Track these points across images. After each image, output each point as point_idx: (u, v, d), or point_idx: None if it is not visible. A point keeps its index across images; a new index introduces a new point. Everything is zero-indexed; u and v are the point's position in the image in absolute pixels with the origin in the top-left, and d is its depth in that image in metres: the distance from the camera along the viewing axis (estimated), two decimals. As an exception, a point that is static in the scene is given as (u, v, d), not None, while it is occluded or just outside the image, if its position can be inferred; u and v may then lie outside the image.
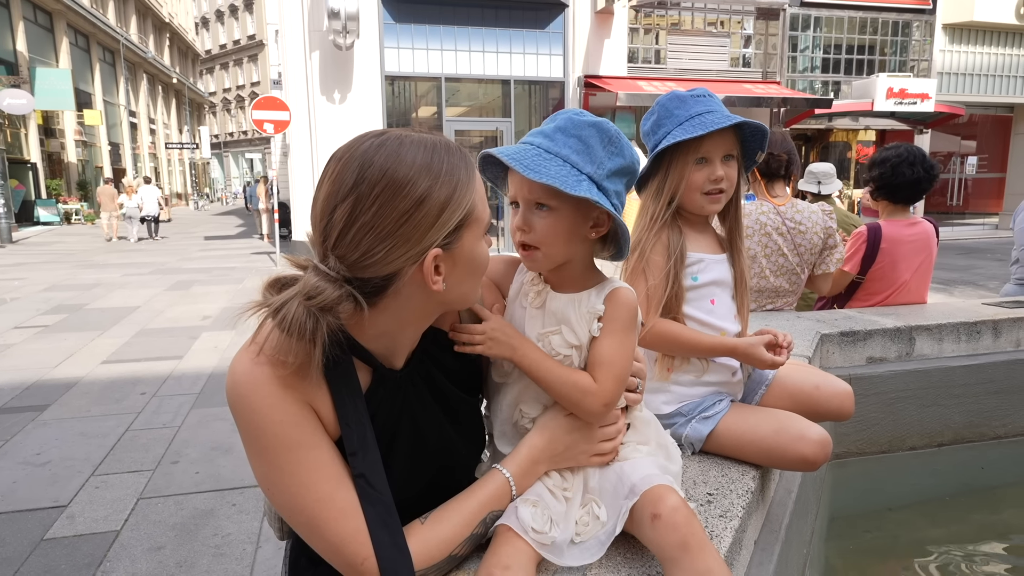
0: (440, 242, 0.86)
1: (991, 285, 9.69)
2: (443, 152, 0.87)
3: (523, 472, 0.99)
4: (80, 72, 25.44)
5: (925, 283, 3.04)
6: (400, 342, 0.96)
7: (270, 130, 11.92)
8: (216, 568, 2.84)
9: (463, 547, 0.94)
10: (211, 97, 54.70)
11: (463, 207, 0.87)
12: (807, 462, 1.34)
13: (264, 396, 0.84)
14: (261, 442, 0.85)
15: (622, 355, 1.02)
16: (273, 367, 0.84)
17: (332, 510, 0.85)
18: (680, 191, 1.46)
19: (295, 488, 0.85)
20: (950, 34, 17.06)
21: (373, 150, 0.85)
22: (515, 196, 1.05)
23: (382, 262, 0.84)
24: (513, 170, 1.01)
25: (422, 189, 0.83)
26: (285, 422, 0.84)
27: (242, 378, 0.84)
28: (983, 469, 2.74)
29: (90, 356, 6.19)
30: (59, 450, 4.06)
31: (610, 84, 13.42)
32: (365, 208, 0.82)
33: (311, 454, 0.86)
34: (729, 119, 1.38)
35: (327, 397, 0.88)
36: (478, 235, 0.92)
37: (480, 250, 0.93)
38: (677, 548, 0.87)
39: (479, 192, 0.91)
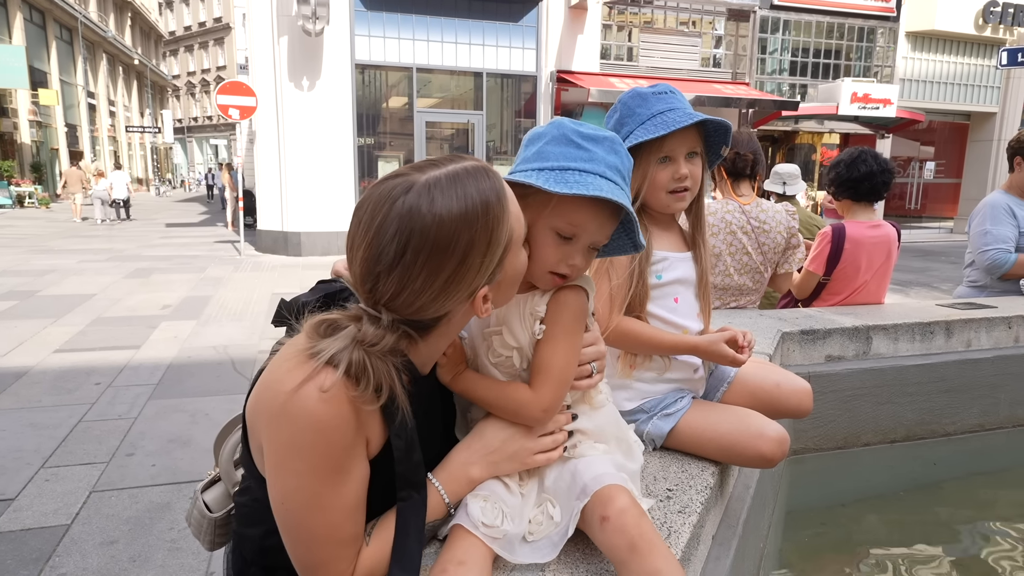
0: (487, 280, 0.88)
1: (945, 287, 10.01)
2: (473, 187, 0.84)
3: (454, 478, 0.97)
4: (35, 50, 24.53)
5: (884, 284, 3.11)
6: (438, 353, 0.98)
7: (236, 116, 11.66)
8: (171, 563, 2.78)
9: None
10: (175, 80, 53.29)
11: (503, 241, 0.86)
12: (765, 459, 1.36)
13: (333, 416, 0.82)
14: (309, 461, 0.83)
15: (561, 359, 1.00)
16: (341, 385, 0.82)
17: (333, 537, 0.87)
18: (644, 190, 1.45)
19: (315, 509, 0.85)
20: (912, 42, 17.54)
21: (409, 206, 0.82)
22: (580, 233, 0.97)
23: (433, 310, 0.86)
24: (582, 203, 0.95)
25: (464, 244, 0.83)
26: (342, 447, 0.84)
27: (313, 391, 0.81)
28: (935, 465, 2.83)
29: (42, 344, 5.99)
30: (7, 441, 3.92)
31: (582, 80, 13.46)
32: (414, 276, 0.82)
33: (346, 480, 0.86)
34: (691, 117, 1.38)
35: (378, 415, 0.87)
36: (519, 251, 0.91)
37: (520, 263, 0.93)
38: (625, 550, 0.86)
39: (514, 213, 0.88)
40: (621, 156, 0.98)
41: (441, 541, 0.98)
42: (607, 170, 0.94)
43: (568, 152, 0.95)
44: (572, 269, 0.98)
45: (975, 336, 2.93)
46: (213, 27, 49.63)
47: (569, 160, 0.94)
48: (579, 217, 0.95)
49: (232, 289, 8.86)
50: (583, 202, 0.92)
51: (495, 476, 0.98)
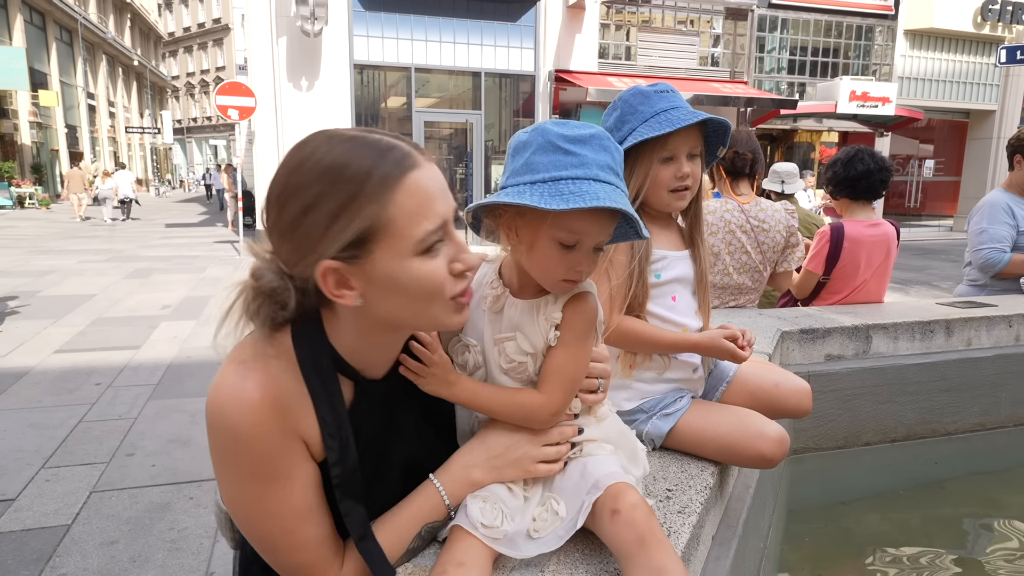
0: (336, 255, 0.80)
1: (945, 285, 10.01)
2: (358, 155, 0.80)
3: (455, 480, 0.96)
4: (35, 51, 24.52)
5: (883, 283, 3.11)
6: (376, 352, 0.94)
7: (235, 116, 11.66)
8: (171, 563, 2.78)
9: (399, 561, 0.95)
10: (174, 81, 53.26)
11: (363, 219, 0.79)
12: (765, 460, 1.35)
13: (251, 425, 0.81)
14: (238, 469, 0.84)
15: (573, 365, 1.00)
16: (265, 389, 0.82)
17: (292, 541, 0.86)
18: (645, 189, 1.45)
19: (263, 516, 0.86)
20: (911, 40, 17.54)
21: (297, 148, 0.83)
22: (582, 240, 0.95)
23: (294, 264, 0.82)
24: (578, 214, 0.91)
25: (311, 195, 0.79)
26: (268, 453, 0.83)
27: (228, 400, 0.82)
28: (936, 464, 2.83)
29: (43, 345, 5.99)
30: (7, 442, 3.92)
31: (580, 79, 13.46)
32: (271, 208, 0.82)
33: (286, 485, 0.85)
34: (695, 116, 1.38)
35: (312, 416, 0.86)
36: (401, 252, 0.81)
37: (409, 270, 0.82)
38: (634, 544, 0.86)
39: (403, 204, 0.80)
40: (611, 151, 0.95)
41: (441, 543, 0.98)
42: (600, 171, 0.92)
43: (557, 160, 0.92)
44: (580, 274, 0.98)
45: (975, 335, 2.93)
46: (212, 28, 49.60)
47: (559, 169, 0.91)
48: (579, 225, 0.93)
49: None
50: (581, 210, 0.89)
51: (497, 481, 0.98)
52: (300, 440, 0.86)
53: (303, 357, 0.86)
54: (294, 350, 0.87)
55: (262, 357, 0.85)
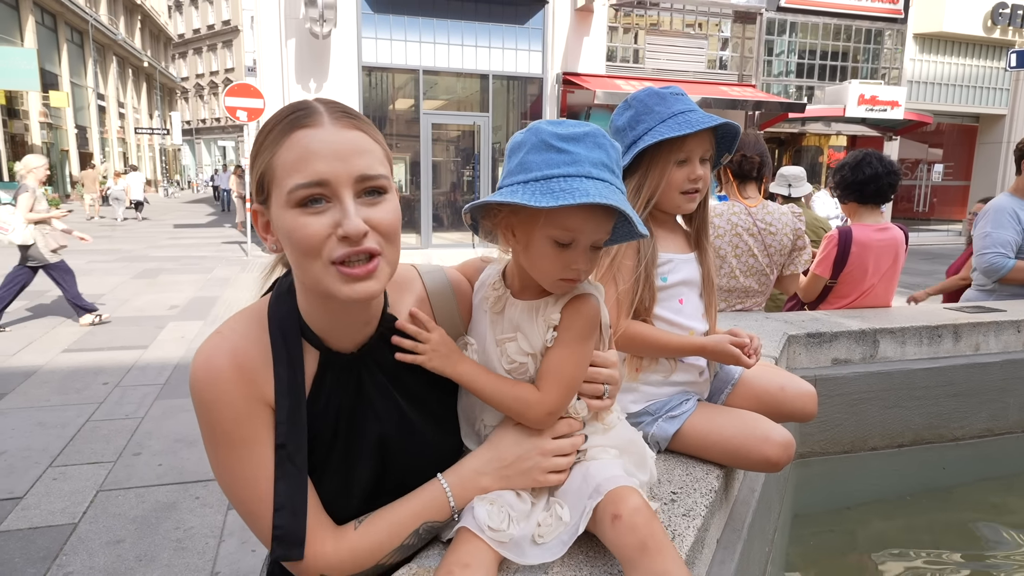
0: (255, 197, 0.90)
1: (953, 290, 9.94)
2: (277, 116, 0.89)
3: (464, 484, 0.97)
4: (46, 52, 24.70)
5: (891, 287, 3.10)
6: (328, 319, 0.94)
7: (243, 118, 11.73)
8: (177, 562, 2.79)
9: (392, 556, 0.95)
10: (183, 82, 53.55)
11: (260, 166, 0.88)
12: (771, 463, 1.35)
13: (218, 392, 0.87)
14: (210, 435, 0.90)
15: (571, 365, 0.99)
16: (232, 357, 0.88)
17: (265, 507, 0.89)
18: (659, 191, 1.45)
19: (238, 481, 0.90)
20: (920, 43, 17.46)
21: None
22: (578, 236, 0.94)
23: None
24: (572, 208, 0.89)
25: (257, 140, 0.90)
26: (233, 419, 0.88)
27: (199, 370, 0.88)
28: (944, 469, 2.81)
29: (51, 344, 6.03)
30: (16, 440, 3.95)
31: (588, 82, 13.46)
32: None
33: (255, 451, 0.89)
34: (712, 119, 1.37)
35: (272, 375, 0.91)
36: (280, 201, 0.85)
37: (285, 220, 0.85)
38: (636, 550, 0.86)
39: (283, 156, 0.84)
40: (606, 148, 0.94)
41: (446, 543, 0.99)
42: (592, 168, 0.91)
43: (549, 159, 0.91)
44: (578, 273, 0.96)
45: (983, 340, 2.91)
46: (221, 30, 49.88)
47: (552, 167, 0.91)
48: (572, 222, 0.92)
49: (239, 290, 8.89)
50: (574, 207, 0.88)
51: (506, 489, 0.98)
52: (266, 406, 0.90)
53: (272, 318, 0.94)
54: (267, 313, 0.94)
55: (240, 324, 0.93)
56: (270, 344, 0.91)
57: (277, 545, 0.88)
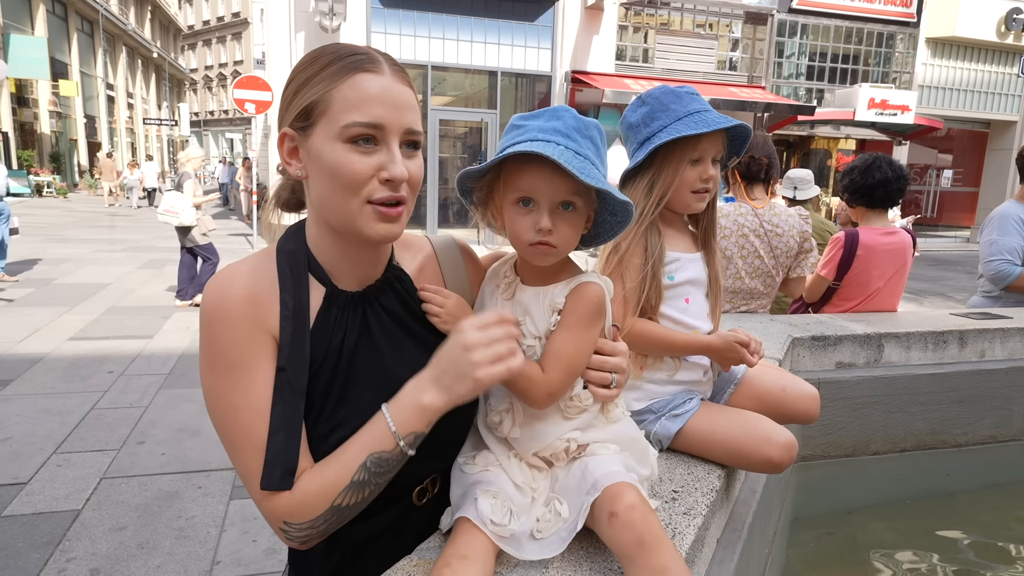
0: (292, 123, 0.93)
1: (959, 297, 9.92)
2: (332, 51, 0.93)
3: (403, 407, 0.91)
4: (56, 41, 24.80)
5: (897, 292, 3.09)
6: (337, 255, 0.99)
7: (251, 110, 11.74)
8: (179, 550, 2.81)
9: (346, 496, 0.90)
10: (192, 74, 53.66)
11: (311, 95, 0.90)
12: (773, 464, 1.35)
13: (222, 312, 0.90)
14: (208, 355, 0.91)
15: (573, 348, 1.00)
16: (245, 285, 0.92)
17: (250, 442, 0.89)
18: (672, 189, 1.45)
19: (225, 409, 0.91)
20: (932, 48, 17.37)
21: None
22: (533, 195, 0.98)
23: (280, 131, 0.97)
24: (524, 168, 0.97)
25: (294, 72, 0.95)
26: (233, 341, 0.90)
27: (210, 293, 0.92)
28: (948, 475, 2.80)
29: (57, 332, 6.06)
30: (21, 426, 3.98)
31: (597, 80, 13.44)
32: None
33: (250, 379, 0.90)
34: (729, 120, 1.37)
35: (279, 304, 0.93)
36: (330, 133, 0.90)
37: (332, 152, 0.89)
38: (633, 546, 0.86)
39: (344, 92, 0.90)
40: (564, 119, 0.99)
41: (445, 534, 0.99)
42: (539, 133, 0.98)
43: (509, 136, 1.01)
44: (543, 232, 0.98)
45: (989, 346, 2.90)
46: (231, 22, 49.93)
47: (507, 142, 1.00)
48: (524, 181, 0.99)
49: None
50: (523, 167, 0.97)
51: (451, 402, 0.91)
52: (269, 337, 0.92)
53: (282, 251, 0.97)
54: (277, 246, 0.98)
55: (257, 256, 0.97)
56: (277, 275, 0.94)
57: (268, 471, 0.87)
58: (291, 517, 0.89)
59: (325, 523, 0.91)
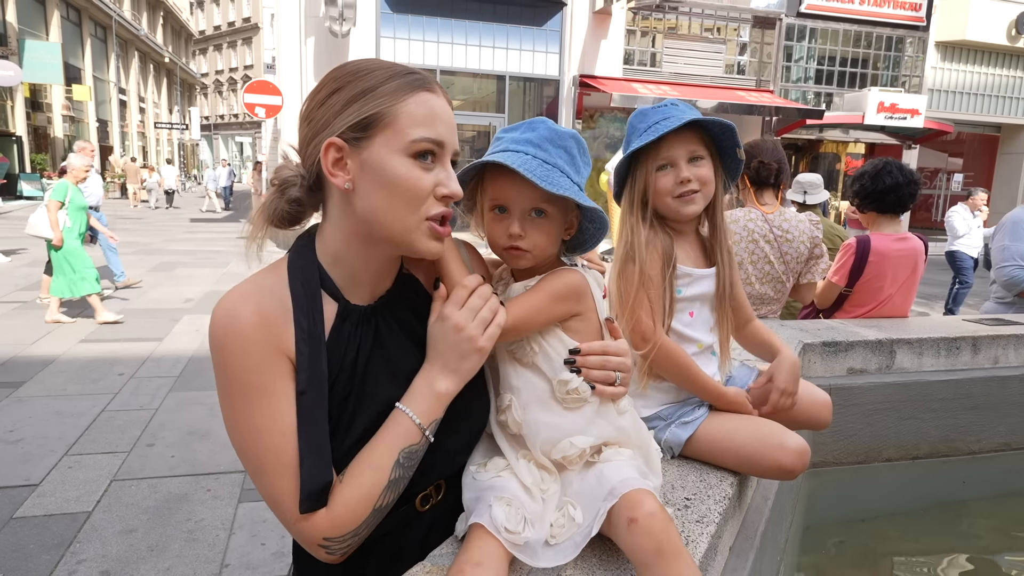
0: (342, 132, 0.89)
1: (972, 302, 9.83)
2: (389, 67, 0.92)
3: (422, 398, 0.95)
4: (70, 47, 25.06)
5: (909, 298, 3.07)
6: (357, 267, 0.97)
7: (261, 114, 11.82)
8: (188, 553, 2.82)
9: (385, 496, 0.92)
10: (203, 78, 54.06)
11: (372, 106, 0.89)
12: (785, 471, 1.34)
13: (235, 338, 0.88)
14: (226, 383, 0.89)
15: (528, 302, 1.03)
16: (254, 307, 0.89)
17: (278, 464, 0.88)
18: (650, 198, 1.45)
19: (249, 433, 0.89)
20: (942, 51, 17.27)
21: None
22: (506, 202, 1.05)
23: (306, 148, 0.93)
24: (498, 177, 1.04)
25: (341, 83, 0.91)
26: (251, 367, 0.88)
27: (220, 317, 0.89)
28: (964, 483, 2.77)
29: (69, 334, 6.10)
30: (33, 428, 4.00)
31: (605, 85, 13.44)
32: (305, 103, 0.95)
33: (271, 401, 0.89)
34: (679, 120, 1.36)
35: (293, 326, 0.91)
36: (394, 146, 0.89)
37: (395, 165, 0.89)
38: (652, 554, 0.86)
39: (411, 108, 0.90)
40: (539, 131, 1.04)
41: (459, 540, 0.99)
42: (511, 144, 1.04)
43: (490, 148, 1.07)
44: (513, 238, 1.04)
45: (1003, 353, 2.88)
46: (242, 27, 50.29)
47: (487, 155, 1.06)
48: (496, 190, 1.05)
49: (254, 285, 8.95)
50: (497, 177, 1.04)
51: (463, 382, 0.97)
52: (285, 358, 0.90)
53: (293, 270, 0.95)
54: (287, 265, 0.96)
55: (261, 276, 0.95)
56: (290, 294, 0.92)
57: (306, 496, 0.87)
58: (333, 532, 0.89)
59: (366, 527, 0.93)
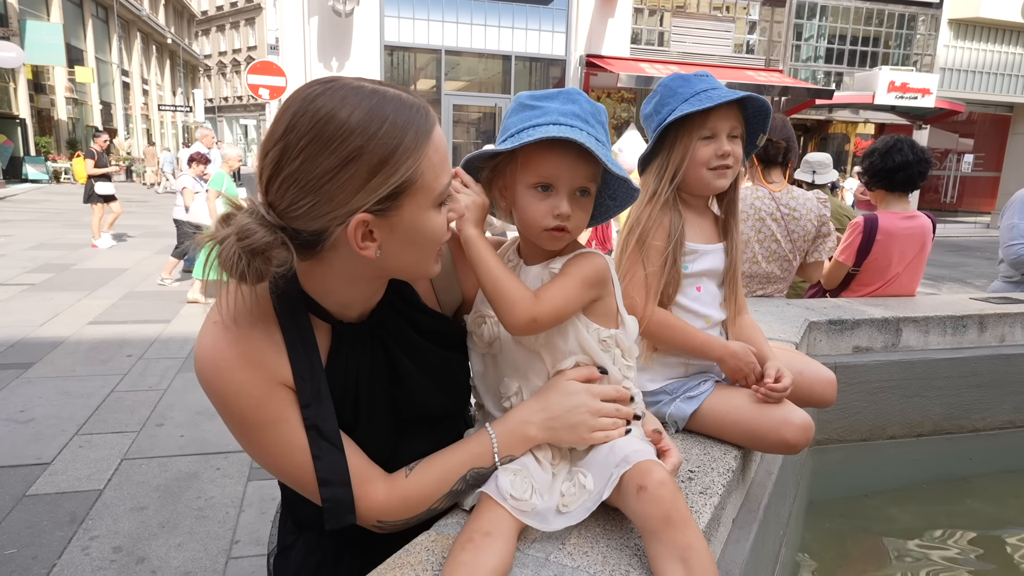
0: (369, 208, 0.80)
1: (979, 283, 9.78)
2: (392, 109, 0.81)
3: (510, 433, 0.98)
4: (72, 28, 24.93)
5: (916, 277, 3.05)
6: (353, 299, 0.95)
7: (265, 95, 11.77)
8: (198, 530, 2.86)
9: (442, 501, 0.98)
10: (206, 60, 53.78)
11: (401, 173, 0.81)
12: (789, 446, 1.34)
13: (227, 383, 0.86)
14: (233, 422, 0.90)
15: (563, 290, 0.99)
16: (235, 346, 0.86)
17: (309, 476, 0.90)
18: (684, 167, 1.43)
19: (273, 459, 0.91)
20: (955, 30, 17.01)
21: (314, 97, 0.80)
22: (554, 180, 0.98)
23: (307, 217, 0.80)
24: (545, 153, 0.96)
25: (352, 148, 0.78)
26: (252, 405, 0.88)
27: (206, 363, 0.87)
28: (971, 459, 2.77)
29: (76, 316, 6.15)
30: (43, 408, 4.05)
31: (612, 64, 13.31)
32: (291, 159, 0.79)
33: (282, 429, 0.89)
34: (734, 93, 1.36)
35: (287, 359, 0.90)
36: (424, 204, 0.85)
37: (427, 221, 0.86)
38: (660, 521, 0.87)
39: (431, 158, 0.84)
40: (580, 103, 0.99)
41: (467, 512, 1.00)
42: (560, 117, 0.97)
43: (524, 116, 0.99)
44: (562, 218, 0.99)
45: (1009, 331, 2.87)
46: (244, 7, 49.91)
47: (524, 123, 0.98)
48: (544, 167, 0.98)
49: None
50: (545, 151, 0.95)
51: (551, 442, 1.00)
52: (282, 386, 0.90)
53: (279, 303, 0.90)
54: (270, 298, 0.90)
55: (233, 312, 0.87)
56: (277, 326, 0.89)
57: (330, 517, 0.89)
58: (388, 517, 0.94)
59: (416, 520, 0.97)
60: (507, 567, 0.87)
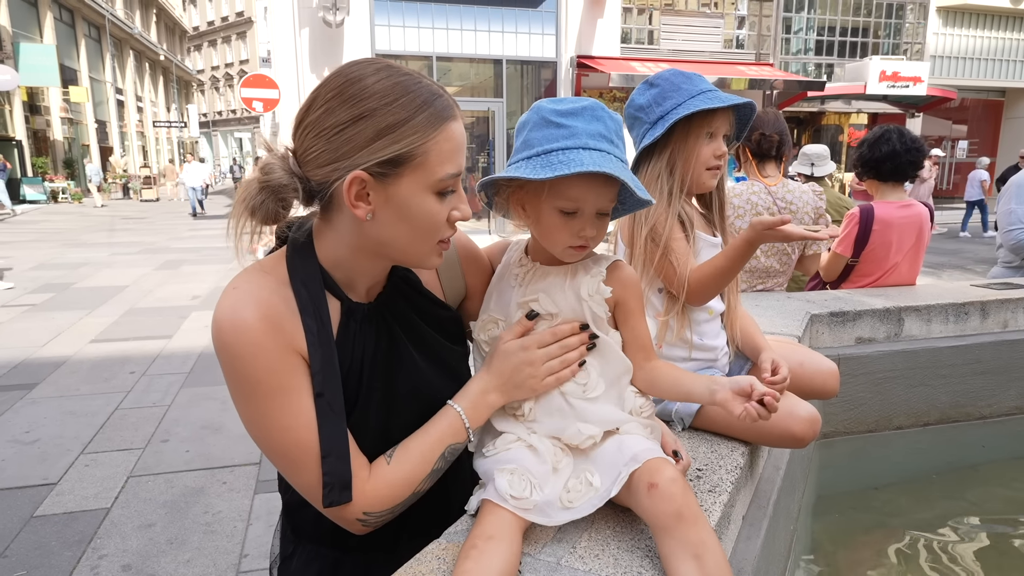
0: (369, 167, 0.86)
1: (979, 269, 9.78)
2: (416, 90, 0.87)
3: (475, 406, 1.01)
4: (65, 48, 24.96)
5: (916, 266, 3.05)
6: (358, 271, 0.98)
7: (259, 108, 11.79)
8: (207, 545, 2.85)
9: (424, 483, 0.99)
10: (199, 75, 53.88)
11: (404, 143, 0.86)
12: (796, 439, 1.34)
13: (246, 344, 0.87)
14: (244, 387, 0.89)
15: (647, 328, 1.09)
16: (256, 309, 0.88)
17: (309, 455, 0.90)
18: (688, 164, 1.44)
19: (275, 432, 0.90)
20: (944, 17, 17.05)
21: (354, 64, 0.89)
22: (581, 206, 0.98)
23: (315, 163, 0.88)
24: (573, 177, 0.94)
25: (365, 108, 0.85)
26: (267, 368, 0.88)
27: (225, 324, 0.87)
28: (984, 447, 2.77)
29: (79, 335, 6.14)
30: (48, 428, 4.04)
31: (603, 65, 13.34)
32: (315, 108, 0.87)
33: (291, 399, 0.89)
34: (738, 98, 1.40)
35: (302, 328, 0.91)
36: (423, 184, 0.89)
37: (422, 202, 0.89)
38: (672, 518, 0.87)
39: (441, 144, 0.88)
40: (604, 120, 0.99)
41: (472, 516, 1.00)
42: (589, 140, 0.97)
43: (549, 134, 0.98)
44: (586, 240, 1.01)
45: (1012, 317, 2.86)
46: (235, 21, 50.02)
47: (551, 142, 0.97)
48: (574, 192, 0.98)
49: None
50: (574, 177, 0.94)
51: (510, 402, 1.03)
52: (297, 355, 0.91)
53: (294, 271, 0.93)
54: (286, 266, 0.94)
55: (255, 278, 0.91)
56: (292, 295, 0.92)
57: (328, 492, 0.89)
58: (374, 508, 0.94)
59: (402, 507, 0.98)
60: (514, 568, 0.87)
